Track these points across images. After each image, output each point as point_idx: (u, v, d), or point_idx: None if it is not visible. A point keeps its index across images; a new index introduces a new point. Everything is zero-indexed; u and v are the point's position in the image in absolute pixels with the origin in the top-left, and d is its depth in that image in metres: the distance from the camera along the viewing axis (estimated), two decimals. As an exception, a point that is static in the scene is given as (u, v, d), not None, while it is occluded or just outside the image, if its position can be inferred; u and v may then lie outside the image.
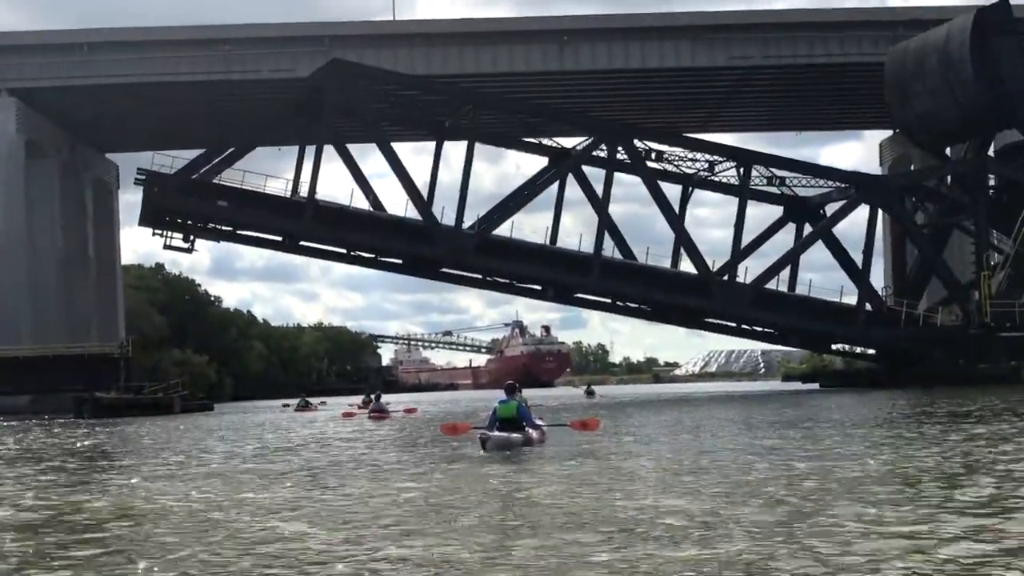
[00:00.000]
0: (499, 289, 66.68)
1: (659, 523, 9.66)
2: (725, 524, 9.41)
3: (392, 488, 13.65)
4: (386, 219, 60.59)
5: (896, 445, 17.95)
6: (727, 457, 16.78)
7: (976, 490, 11.32)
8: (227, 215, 59.74)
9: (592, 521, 9.96)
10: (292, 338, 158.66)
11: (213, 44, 71.57)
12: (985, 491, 11.23)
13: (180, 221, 60.07)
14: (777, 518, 9.72)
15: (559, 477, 14.45)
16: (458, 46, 71.53)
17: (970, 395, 38.56)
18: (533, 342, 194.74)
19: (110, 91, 71.45)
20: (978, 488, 11.48)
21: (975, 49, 60.33)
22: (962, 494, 11.01)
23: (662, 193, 63.68)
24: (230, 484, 15.19)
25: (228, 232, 61.44)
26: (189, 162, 59.39)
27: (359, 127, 64.62)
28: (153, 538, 9.99)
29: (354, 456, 20.41)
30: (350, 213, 59.73)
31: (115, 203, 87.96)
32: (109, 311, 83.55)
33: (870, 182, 65.40)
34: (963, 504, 10.35)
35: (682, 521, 9.67)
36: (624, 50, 72.60)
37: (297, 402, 61.94)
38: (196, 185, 58.73)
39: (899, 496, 11.02)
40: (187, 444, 27.34)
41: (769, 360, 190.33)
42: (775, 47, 72.83)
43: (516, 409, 20.70)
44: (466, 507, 11.42)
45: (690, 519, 9.80)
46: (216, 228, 61.00)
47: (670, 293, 61.74)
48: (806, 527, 9.07)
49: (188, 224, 60.22)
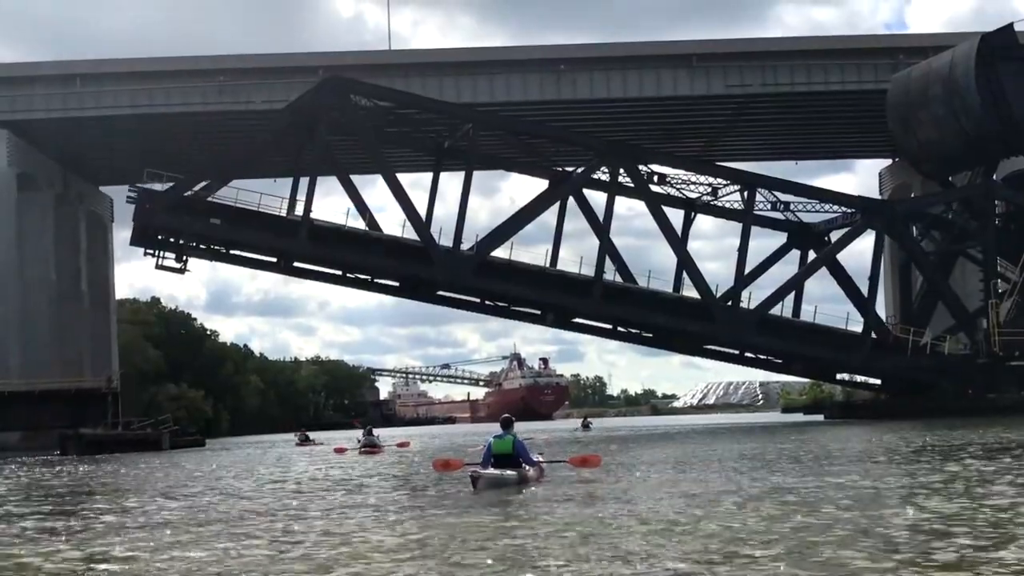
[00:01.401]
0: (497, 313, 64.32)
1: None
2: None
3: (353, 543, 11.53)
4: (383, 239, 58.43)
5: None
6: (743, 499, 14.40)
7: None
8: (220, 233, 57.28)
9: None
10: (289, 372, 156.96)
11: (207, 75, 69.96)
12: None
13: (172, 240, 57.73)
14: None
15: (552, 527, 12.27)
16: (455, 75, 69.98)
17: (989, 427, 36.88)
18: (531, 375, 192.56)
19: (103, 123, 69.78)
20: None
21: (980, 76, 58.70)
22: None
23: (665, 217, 61.61)
24: (160, 538, 13.18)
25: (221, 252, 59.06)
26: (183, 178, 57.14)
27: (356, 150, 63.24)
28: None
29: (329, 502, 18.50)
30: (346, 232, 57.45)
31: (109, 236, 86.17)
32: (103, 346, 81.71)
33: (876, 207, 63.43)
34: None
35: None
36: (622, 79, 71.12)
37: (297, 437, 60.36)
38: (189, 202, 56.40)
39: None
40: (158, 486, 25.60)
41: (768, 391, 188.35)
42: (773, 75, 71.33)
43: (512, 444, 18.93)
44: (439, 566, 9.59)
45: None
46: (209, 248, 58.71)
47: (672, 318, 59.40)
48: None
49: (180, 243, 57.89)
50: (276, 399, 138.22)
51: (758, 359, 64.78)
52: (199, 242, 58.27)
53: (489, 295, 60.81)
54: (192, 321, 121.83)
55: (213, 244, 58.55)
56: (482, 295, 61.08)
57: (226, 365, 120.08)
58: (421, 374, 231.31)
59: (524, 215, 60.51)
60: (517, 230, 59.94)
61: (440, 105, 61.99)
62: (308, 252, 57.72)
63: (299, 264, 59.98)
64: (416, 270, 58.25)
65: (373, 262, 58.21)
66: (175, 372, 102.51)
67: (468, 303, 62.83)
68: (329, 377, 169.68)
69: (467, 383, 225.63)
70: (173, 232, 57.29)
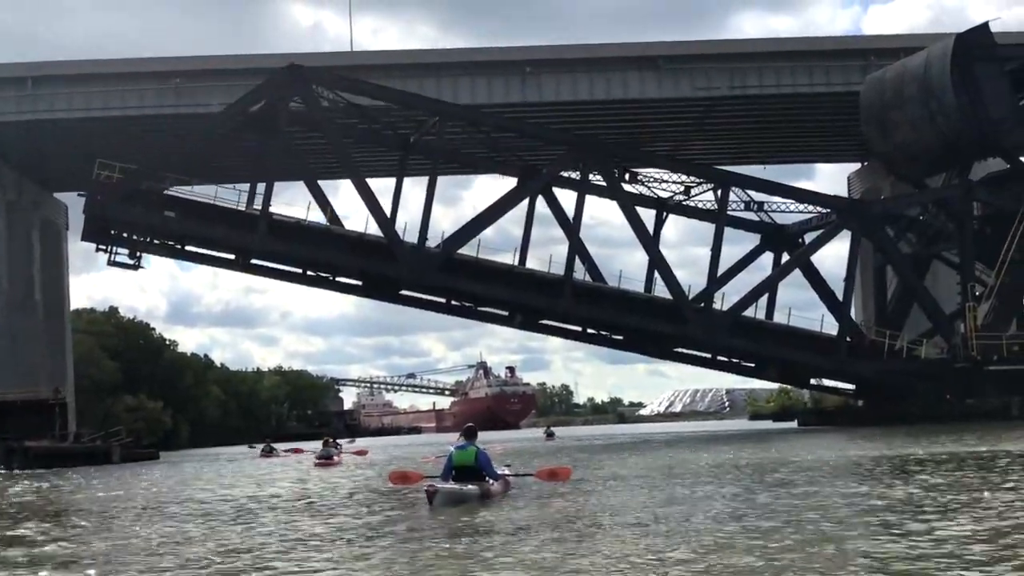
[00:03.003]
0: (463, 314, 61.37)
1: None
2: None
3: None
4: (346, 235, 55.71)
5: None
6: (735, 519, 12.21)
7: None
8: (175, 227, 54.15)
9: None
10: (251, 382, 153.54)
11: (163, 77, 67.29)
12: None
13: (125, 235, 54.53)
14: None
15: (510, 558, 10.22)
16: (418, 78, 67.44)
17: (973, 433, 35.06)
18: (498, 383, 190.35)
19: (56, 127, 66.81)
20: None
21: (956, 76, 56.71)
22: None
23: (637, 216, 59.09)
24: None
25: (176, 248, 55.99)
26: (136, 169, 53.96)
27: (320, 152, 60.95)
28: None
29: (253, 524, 16.11)
30: (307, 227, 54.52)
31: (64, 244, 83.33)
32: (58, 356, 78.90)
33: (853, 208, 61.34)
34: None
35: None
36: (588, 81, 69.02)
37: (261, 448, 58.02)
38: (142, 194, 53.20)
39: None
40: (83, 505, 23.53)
41: (734, 399, 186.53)
42: (741, 78, 69.38)
43: (475, 456, 17.22)
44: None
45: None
46: (163, 243, 55.52)
47: (645, 319, 56.84)
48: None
49: (133, 238, 54.65)
50: (238, 410, 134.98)
51: (731, 363, 62.67)
52: (153, 237, 54.94)
53: (455, 294, 58.02)
54: (151, 331, 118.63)
55: (167, 239, 55.39)
56: (448, 294, 58.29)
57: (186, 375, 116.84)
58: (386, 384, 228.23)
59: (492, 212, 57.82)
60: (484, 227, 57.29)
61: (406, 97, 58.93)
62: (267, 248, 54.61)
63: (257, 261, 57.00)
64: (379, 267, 55.42)
65: (335, 259, 55.25)
66: (133, 383, 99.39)
67: (433, 303, 59.96)
68: (292, 387, 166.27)
69: (433, 393, 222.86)
70: (126, 226, 54.10)
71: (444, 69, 68.60)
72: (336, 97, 56.63)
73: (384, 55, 73.85)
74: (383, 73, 66.52)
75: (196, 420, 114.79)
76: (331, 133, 57.34)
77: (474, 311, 60.72)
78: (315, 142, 60.58)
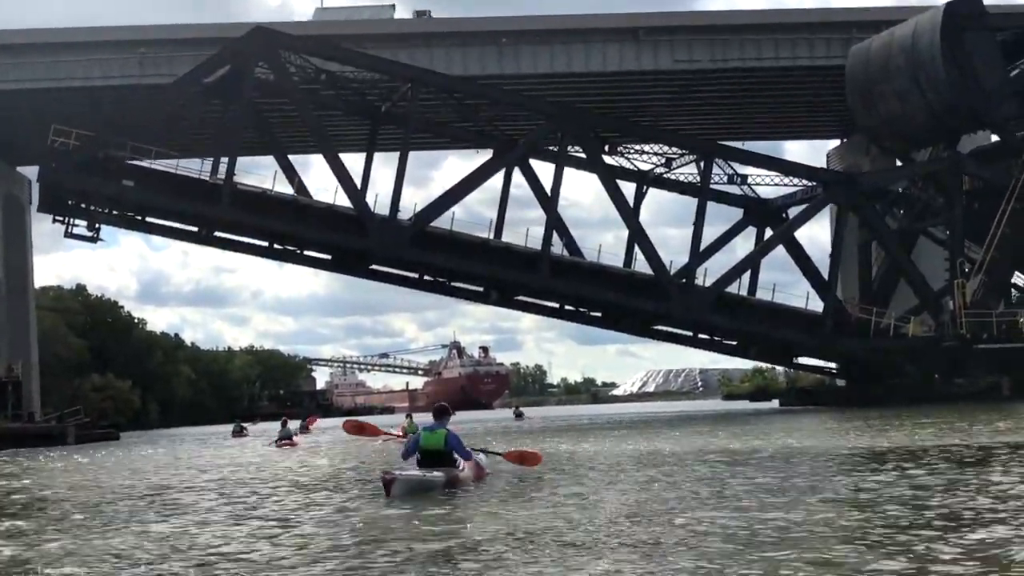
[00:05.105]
0: (435, 290, 58.64)
1: None
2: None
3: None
4: (313, 205, 52.78)
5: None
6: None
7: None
8: (134, 197, 50.85)
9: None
10: (222, 362, 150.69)
11: (127, 46, 64.23)
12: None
13: (83, 205, 51.58)
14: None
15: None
16: (391, 49, 63.95)
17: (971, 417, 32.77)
18: (471, 363, 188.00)
19: (17, 97, 63.57)
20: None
21: (946, 47, 54.22)
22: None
23: (617, 188, 56.25)
24: None
25: (136, 219, 52.93)
26: (93, 136, 50.66)
27: (287, 124, 58.07)
28: None
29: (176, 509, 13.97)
30: (272, 198, 51.57)
31: (27, 219, 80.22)
32: (21, 334, 76.04)
33: (840, 181, 58.93)
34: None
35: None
36: (566, 53, 66.39)
37: (232, 427, 56.29)
38: (100, 163, 50.15)
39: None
40: None
41: (707, 379, 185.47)
42: (723, 50, 66.91)
43: (444, 440, 14.89)
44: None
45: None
46: (122, 214, 52.35)
47: (625, 295, 54.21)
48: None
49: (91, 208, 51.66)
50: (209, 389, 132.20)
51: (712, 341, 60.32)
52: (111, 207, 51.73)
53: (427, 269, 55.20)
54: (119, 309, 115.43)
55: (126, 210, 52.20)
56: (420, 269, 55.52)
57: (156, 355, 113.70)
58: (359, 363, 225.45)
59: (467, 184, 54.82)
60: (459, 199, 54.36)
61: (377, 62, 55.58)
62: (231, 218, 51.52)
63: (222, 234, 53.98)
64: (349, 240, 52.56)
65: (303, 231, 52.34)
66: (101, 362, 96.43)
67: (405, 279, 57.19)
68: (264, 367, 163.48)
69: (406, 372, 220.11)
70: (82, 195, 51.05)
71: (417, 39, 65.46)
72: (304, 63, 53.77)
73: (354, 24, 70.88)
74: (353, 43, 63.05)
75: (166, 400, 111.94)
76: (298, 101, 54.45)
77: (447, 287, 57.92)
78: (282, 112, 57.81)
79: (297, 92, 53.91)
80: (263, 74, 53.42)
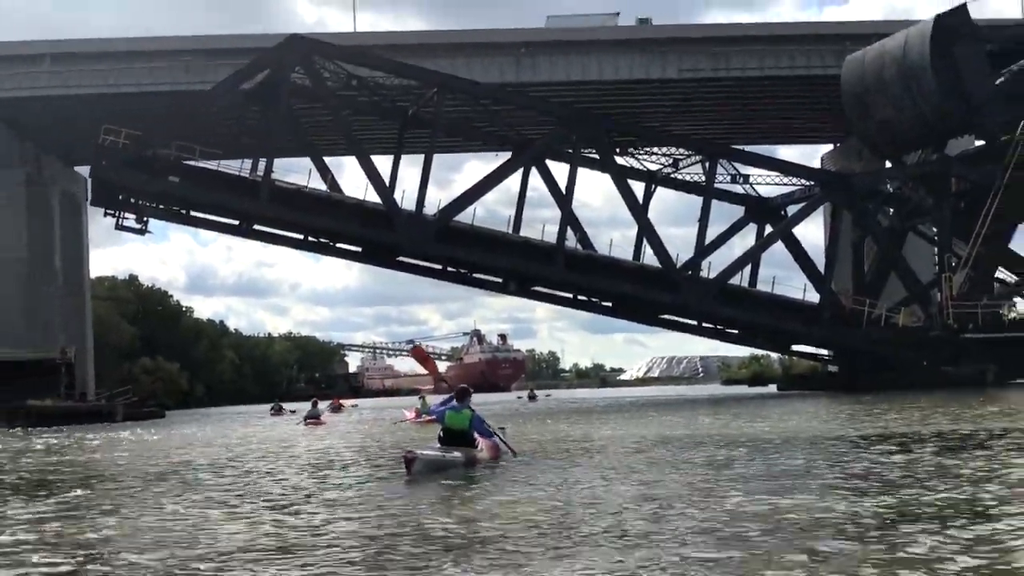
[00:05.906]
0: (458, 280, 58.03)
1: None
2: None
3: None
4: (345, 201, 52.33)
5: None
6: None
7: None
8: (179, 192, 50.61)
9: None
10: (263, 347, 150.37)
11: (173, 55, 64.22)
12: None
13: (132, 200, 51.20)
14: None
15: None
16: (418, 58, 63.65)
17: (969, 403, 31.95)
18: (490, 350, 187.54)
19: (73, 102, 63.31)
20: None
21: (936, 58, 53.22)
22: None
23: (628, 187, 55.73)
24: None
25: (181, 213, 52.60)
26: (140, 136, 50.38)
27: (321, 127, 57.56)
28: None
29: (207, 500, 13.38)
30: (307, 194, 51.29)
31: (84, 215, 79.97)
32: (77, 322, 75.63)
33: (837, 181, 58.33)
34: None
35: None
36: (581, 62, 66.08)
37: (271, 407, 57.64)
38: (148, 160, 49.90)
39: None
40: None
41: (707, 365, 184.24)
42: (725, 60, 66.53)
43: (469, 421, 14.48)
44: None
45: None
46: (168, 208, 52.13)
47: (636, 286, 53.55)
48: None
49: (139, 203, 51.39)
50: (251, 372, 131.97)
51: (716, 330, 59.59)
52: (158, 201, 51.57)
53: (451, 261, 54.80)
54: (169, 298, 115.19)
55: (172, 204, 51.99)
56: (443, 261, 55.09)
57: (202, 341, 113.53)
58: (388, 349, 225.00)
59: (487, 182, 54.42)
60: (480, 196, 54.08)
61: (407, 68, 55.10)
62: (269, 213, 51.23)
63: (260, 227, 53.65)
64: (378, 234, 52.16)
65: (335, 225, 51.92)
66: (151, 347, 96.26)
67: (429, 270, 56.73)
68: (301, 352, 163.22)
69: (431, 357, 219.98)
70: (131, 190, 50.66)
71: (442, 50, 64.92)
72: (337, 68, 53.23)
73: (383, 36, 70.29)
74: (385, 53, 63.06)
75: (212, 382, 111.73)
76: (333, 105, 53.98)
77: (469, 278, 57.42)
78: (317, 116, 57.34)
79: (333, 97, 53.42)
80: (299, 78, 52.81)
